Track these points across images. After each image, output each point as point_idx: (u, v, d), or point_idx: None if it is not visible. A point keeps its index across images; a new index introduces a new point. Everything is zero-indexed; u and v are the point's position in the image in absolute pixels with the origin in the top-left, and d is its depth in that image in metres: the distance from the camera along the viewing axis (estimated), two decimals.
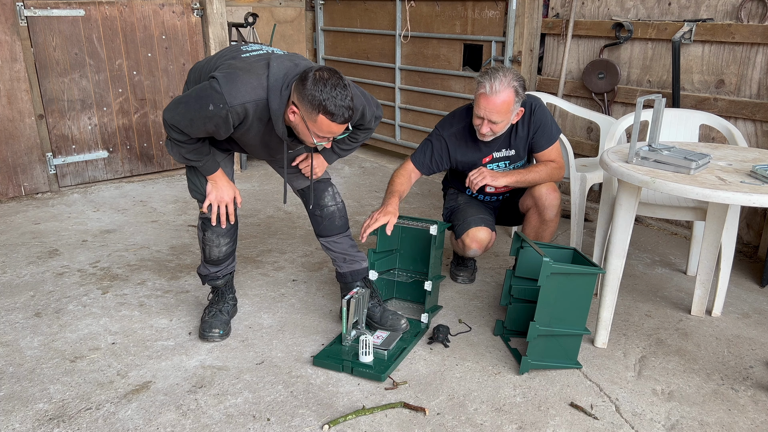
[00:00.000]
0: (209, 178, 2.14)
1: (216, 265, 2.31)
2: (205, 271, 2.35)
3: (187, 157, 2.06)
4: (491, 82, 2.23)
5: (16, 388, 2.04)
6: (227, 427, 1.86)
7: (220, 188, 2.15)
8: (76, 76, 3.96)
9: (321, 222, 2.31)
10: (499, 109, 2.25)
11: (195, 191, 2.21)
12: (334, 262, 2.38)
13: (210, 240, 2.23)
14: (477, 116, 2.33)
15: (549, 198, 2.42)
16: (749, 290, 2.78)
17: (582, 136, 3.80)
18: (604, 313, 2.27)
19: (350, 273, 2.37)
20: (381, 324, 2.36)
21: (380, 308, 2.40)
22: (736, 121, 3.12)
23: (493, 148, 2.47)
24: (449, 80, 4.34)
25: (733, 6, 3.05)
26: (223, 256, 2.28)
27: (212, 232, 2.22)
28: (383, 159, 5.08)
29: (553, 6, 3.78)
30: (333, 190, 2.31)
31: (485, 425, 1.88)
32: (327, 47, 5.27)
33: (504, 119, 2.28)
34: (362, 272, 2.38)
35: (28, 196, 3.95)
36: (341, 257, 2.34)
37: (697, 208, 2.47)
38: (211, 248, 2.25)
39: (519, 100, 2.29)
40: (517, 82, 2.25)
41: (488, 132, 2.32)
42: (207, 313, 2.37)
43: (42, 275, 2.86)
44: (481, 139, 2.40)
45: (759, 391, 2.06)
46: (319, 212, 2.29)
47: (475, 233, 2.50)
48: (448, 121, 2.51)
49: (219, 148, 2.19)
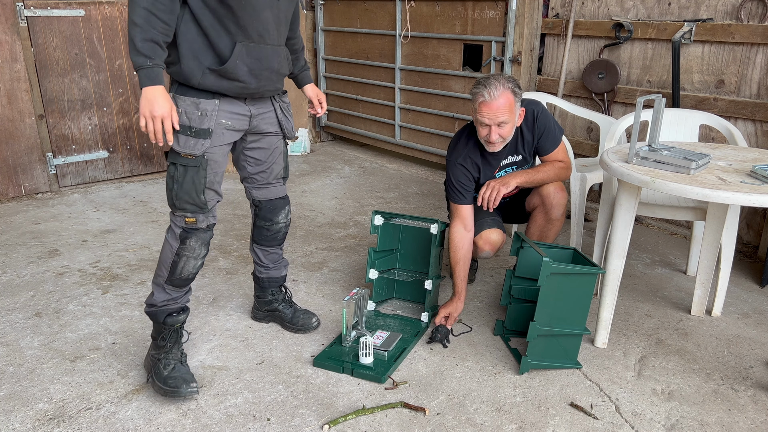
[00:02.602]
0: (146, 90, 1.74)
1: (180, 288, 2.01)
2: (163, 298, 2.00)
3: (147, 35, 1.69)
4: (488, 89, 2.24)
5: (16, 388, 2.04)
6: (227, 427, 1.86)
7: (155, 101, 1.74)
8: (76, 76, 3.96)
9: (265, 234, 2.27)
10: (503, 110, 2.25)
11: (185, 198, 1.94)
12: (257, 266, 2.36)
13: (191, 249, 1.95)
14: (483, 126, 2.31)
15: (556, 197, 2.42)
16: (749, 290, 2.78)
17: (582, 136, 3.80)
18: (604, 313, 2.27)
19: (267, 279, 2.36)
20: (293, 324, 2.37)
21: (291, 309, 2.40)
22: (736, 121, 3.12)
23: (501, 159, 2.47)
24: (449, 80, 4.34)
25: (733, 6, 3.05)
26: (195, 273, 2.01)
27: (197, 239, 1.96)
28: (383, 159, 5.08)
29: (553, 6, 3.78)
30: (288, 208, 2.29)
31: (485, 425, 1.88)
32: (327, 47, 5.27)
33: (510, 119, 2.28)
34: (280, 279, 2.39)
35: (28, 196, 3.95)
36: (266, 264, 2.34)
37: (697, 208, 2.47)
38: (188, 260, 1.96)
39: (518, 100, 2.30)
40: (511, 83, 2.27)
41: (497, 138, 2.30)
42: (162, 364, 1.99)
43: (42, 275, 2.86)
44: (492, 150, 2.38)
45: (759, 391, 2.06)
46: (267, 225, 2.25)
47: (488, 235, 2.49)
48: (455, 147, 2.49)
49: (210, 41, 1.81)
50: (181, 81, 1.86)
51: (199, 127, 1.86)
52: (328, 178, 4.53)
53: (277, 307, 2.40)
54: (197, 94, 1.85)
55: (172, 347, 2.03)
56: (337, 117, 5.44)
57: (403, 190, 4.24)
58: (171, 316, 2.02)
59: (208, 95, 1.87)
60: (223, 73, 1.83)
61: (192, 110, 1.85)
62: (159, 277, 2.00)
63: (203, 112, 1.86)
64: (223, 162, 1.98)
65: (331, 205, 3.92)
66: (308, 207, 3.88)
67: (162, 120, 1.76)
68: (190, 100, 1.84)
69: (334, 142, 5.70)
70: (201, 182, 1.91)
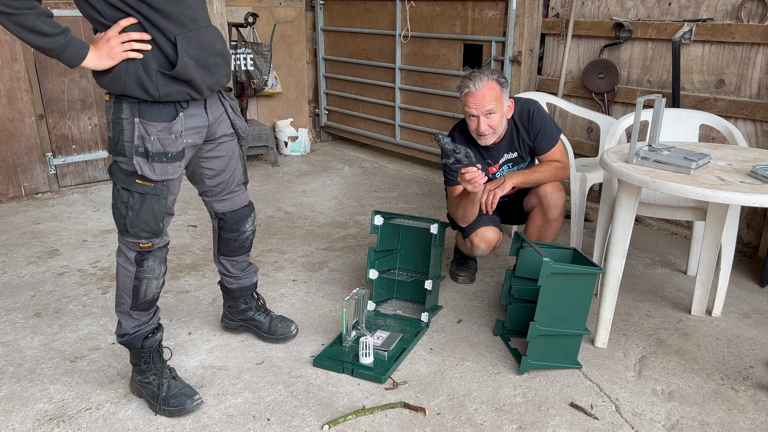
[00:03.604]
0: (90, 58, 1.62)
1: (146, 311, 1.90)
2: (133, 325, 1.90)
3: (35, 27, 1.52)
4: (472, 81, 2.32)
5: (16, 388, 2.04)
6: (227, 427, 1.86)
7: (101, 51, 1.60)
8: (76, 76, 3.96)
9: (232, 245, 2.14)
10: (489, 98, 2.29)
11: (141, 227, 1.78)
12: (225, 276, 2.23)
13: (150, 270, 1.83)
14: (471, 117, 2.34)
15: (554, 197, 2.42)
16: (749, 290, 2.78)
17: (582, 136, 3.80)
18: (604, 313, 2.27)
19: (239, 289, 2.25)
20: (271, 333, 2.28)
21: (268, 317, 2.31)
22: (736, 121, 3.12)
23: (498, 157, 2.48)
24: (449, 80, 4.34)
25: (733, 6, 3.05)
26: (159, 291, 1.90)
27: (154, 259, 1.83)
28: (383, 159, 5.08)
29: (553, 6, 3.78)
30: (253, 215, 2.17)
31: (485, 425, 1.88)
32: (327, 47, 5.27)
33: (498, 108, 2.30)
34: (251, 287, 2.28)
35: (28, 196, 3.95)
36: (235, 274, 2.22)
37: (697, 208, 2.47)
38: (149, 282, 1.84)
39: (505, 91, 2.34)
40: (496, 74, 2.33)
41: (487, 129, 2.33)
42: (156, 387, 1.91)
43: (42, 275, 2.86)
44: (484, 143, 2.40)
45: (759, 391, 2.06)
46: (235, 236, 2.12)
47: (483, 233, 2.50)
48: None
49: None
50: (135, 95, 1.66)
51: (175, 151, 1.73)
52: (328, 178, 4.53)
53: (253, 315, 2.29)
54: (165, 115, 1.70)
55: (161, 367, 1.94)
56: (337, 117, 5.44)
57: (403, 190, 4.24)
58: (147, 339, 1.91)
59: (171, 111, 1.71)
60: (177, 75, 1.66)
61: (165, 136, 1.70)
62: (122, 305, 1.88)
63: (176, 134, 1.72)
64: (180, 181, 1.84)
65: (331, 205, 3.92)
66: (308, 207, 3.88)
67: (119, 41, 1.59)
68: (162, 126, 1.69)
69: (334, 142, 5.70)
70: (161, 210, 1.78)
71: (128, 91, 1.65)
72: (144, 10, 1.60)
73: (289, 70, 5.20)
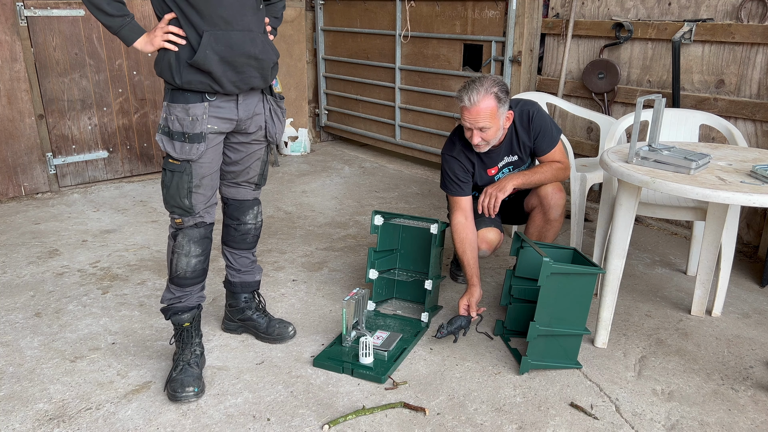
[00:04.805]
0: (137, 44, 1.90)
1: (181, 287, 2.05)
2: (169, 297, 2.08)
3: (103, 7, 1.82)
4: (468, 95, 2.23)
5: (16, 388, 2.04)
6: (227, 427, 1.86)
7: (149, 38, 1.88)
8: (76, 76, 3.96)
9: (234, 235, 2.23)
10: (483, 116, 2.23)
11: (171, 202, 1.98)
12: (228, 269, 2.31)
13: (180, 246, 2.00)
14: (466, 129, 2.33)
15: (554, 197, 2.42)
16: (749, 290, 2.78)
17: (582, 136, 3.80)
18: (604, 313, 2.27)
19: (240, 283, 2.31)
20: (268, 334, 2.30)
21: (265, 319, 2.34)
22: (736, 121, 3.12)
23: (497, 160, 2.47)
24: (449, 80, 4.34)
25: (733, 6, 3.05)
26: (191, 271, 2.04)
27: (183, 236, 2.00)
28: (383, 159, 5.08)
29: (553, 6, 3.78)
30: (258, 209, 2.25)
31: (485, 425, 1.88)
32: (327, 47, 5.27)
33: (492, 124, 2.26)
34: (253, 284, 2.33)
35: (28, 196, 3.95)
36: (237, 268, 2.29)
37: (697, 208, 2.47)
38: (179, 258, 2.01)
39: (503, 105, 2.27)
40: (496, 87, 2.23)
41: (480, 141, 2.30)
42: (174, 368, 2.05)
43: (42, 275, 2.86)
44: (479, 151, 2.39)
45: (759, 391, 2.06)
46: (235, 225, 2.22)
47: (484, 234, 2.50)
48: (449, 142, 2.50)
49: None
50: (167, 80, 1.89)
51: (192, 132, 1.89)
52: (328, 178, 4.53)
53: (251, 315, 2.32)
54: (186, 99, 1.88)
55: (184, 349, 2.08)
56: (337, 117, 5.44)
57: (403, 190, 4.24)
58: (176, 315, 2.08)
59: (197, 98, 1.89)
60: (196, 65, 1.83)
61: (183, 116, 1.88)
62: (168, 276, 2.09)
63: (194, 117, 1.88)
64: (211, 165, 1.98)
65: (331, 205, 3.92)
66: (308, 207, 3.88)
67: (161, 32, 1.86)
68: (180, 107, 1.88)
69: (334, 142, 5.70)
70: (185, 187, 1.94)
71: (162, 74, 1.90)
72: (183, 6, 1.83)
73: (289, 70, 5.20)
